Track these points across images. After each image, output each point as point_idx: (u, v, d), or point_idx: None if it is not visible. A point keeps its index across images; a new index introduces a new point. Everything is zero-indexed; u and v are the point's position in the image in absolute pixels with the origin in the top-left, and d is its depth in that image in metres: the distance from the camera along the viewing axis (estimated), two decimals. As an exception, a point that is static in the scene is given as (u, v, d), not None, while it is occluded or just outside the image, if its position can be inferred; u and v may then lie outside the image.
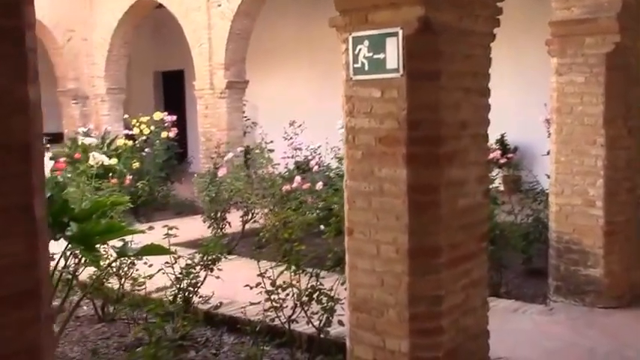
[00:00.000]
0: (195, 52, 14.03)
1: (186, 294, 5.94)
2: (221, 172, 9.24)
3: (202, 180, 9.73)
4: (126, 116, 14.33)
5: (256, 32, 14.08)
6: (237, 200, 9.14)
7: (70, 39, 16.13)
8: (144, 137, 11.99)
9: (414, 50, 3.72)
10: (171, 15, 14.55)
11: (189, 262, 6.09)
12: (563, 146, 5.99)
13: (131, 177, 11.61)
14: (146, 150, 12.40)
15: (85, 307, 7.04)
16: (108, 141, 13.43)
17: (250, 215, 9.40)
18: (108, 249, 5.89)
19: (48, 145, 9.31)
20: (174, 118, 12.86)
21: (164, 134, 12.04)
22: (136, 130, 12.18)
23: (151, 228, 6.24)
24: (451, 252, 3.89)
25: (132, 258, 6.28)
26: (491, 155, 8.38)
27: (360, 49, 3.92)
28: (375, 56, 3.84)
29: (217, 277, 6.01)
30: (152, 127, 11.96)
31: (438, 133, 3.78)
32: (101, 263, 5.50)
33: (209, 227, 9.58)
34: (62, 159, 12.60)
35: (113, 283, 6.63)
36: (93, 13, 16.17)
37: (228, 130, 13.64)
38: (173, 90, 20.30)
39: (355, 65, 3.95)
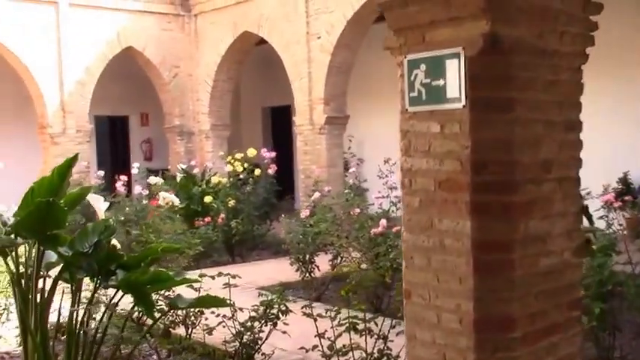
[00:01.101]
0: (296, 86, 13.71)
1: (247, 350, 5.39)
2: (304, 214, 8.71)
3: (287, 221, 9.23)
4: (221, 153, 14.16)
5: (358, 65, 13.59)
6: (324, 242, 8.57)
7: (175, 75, 16.27)
8: (238, 175, 11.67)
9: (479, 75, 3.02)
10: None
11: (253, 314, 5.56)
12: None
13: (224, 215, 11.30)
14: (248, 188, 12.06)
15: (154, 357, 6.63)
16: (208, 178, 13.26)
17: (339, 259, 8.80)
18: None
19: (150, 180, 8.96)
20: (273, 154, 12.52)
21: (257, 171, 11.68)
22: (229, 168, 11.90)
23: (218, 275, 5.79)
24: (529, 324, 3.11)
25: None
26: (605, 197, 7.37)
27: (416, 75, 3.26)
28: (434, 83, 3.17)
29: (284, 332, 5.43)
30: (246, 165, 11.62)
31: (510, 177, 3.04)
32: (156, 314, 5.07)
33: (297, 270, 9.06)
34: (157, 197, 12.53)
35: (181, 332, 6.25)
36: (198, 49, 16.25)
37: (327, 167, 13.16)
38: (281, 126, 20.14)
39: (411, 94, 3.29)
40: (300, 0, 13.44)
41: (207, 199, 11.63)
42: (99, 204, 5.23)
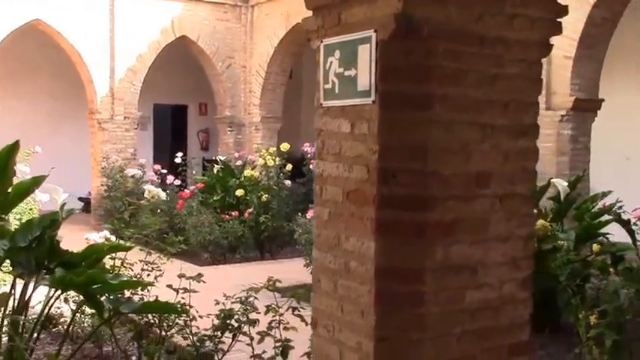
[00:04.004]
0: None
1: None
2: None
3: (304, 220, 8.74)
4: (255, 146, 13.78)
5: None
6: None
7: (229, 66, 15.99)
8: (269, 169, 11.26)
9: (392, 64, 2.46)
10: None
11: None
12: None
13: (251, 210, 10.91)
14: (279, 183, 11.64)
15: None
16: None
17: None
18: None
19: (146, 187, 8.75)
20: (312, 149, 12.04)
21: (289, 167, 11.23)
22: (261, 162, 11.49)
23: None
24: (448, 373, 2.54)
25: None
26: (638, 212, 6.55)
27: (331, 63, 2.72)
28: (346, 73, 2.63)
29: (248, 344, 4.92)
30: (277, 159, 11.19)
31: (424, 191, 2.47)
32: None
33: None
34: (191, 188, 12.26)
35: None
36: (252, 40, 15.93)
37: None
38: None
39: (326, 86, 2.75)
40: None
41: (239, 192, 11.26)
42: (56, 195, 4.88)
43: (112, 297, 4.52)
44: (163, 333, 5.60)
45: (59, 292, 4.47)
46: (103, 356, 5.96)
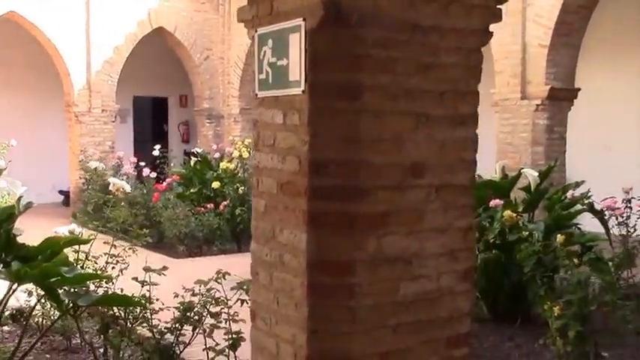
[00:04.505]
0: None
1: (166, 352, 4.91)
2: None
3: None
4: (231, 138, 13.70)
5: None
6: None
7: (207, 58, 15.88)
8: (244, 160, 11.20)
9: (321, 53, 2.41)
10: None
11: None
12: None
13: (226, 202, 10.84)
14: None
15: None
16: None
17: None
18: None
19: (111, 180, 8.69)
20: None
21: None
22: (235, 153, 11.42)
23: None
24: (381, 365, 2.50)
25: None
26: (606, 202, 6.54)
27: (264, 53, 2.67)
28: (279, 63, 2.58)
29: (209, 337, 4.87)
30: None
31: (355, 182, 2.43)
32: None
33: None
34: (168, 181, 12.17)
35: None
36: (230, 31, 15.83)
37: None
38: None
39: (260, 76, 2.71)
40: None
41: (215, 184, 11.20)
42: (15, 188, 4.82)
43: (71, 290, 4.46)
44: (129, 325, 5.56)
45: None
46: (71, 348, 5.91)
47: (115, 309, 5.58)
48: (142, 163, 13.35)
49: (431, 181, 2.59)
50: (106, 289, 5.51)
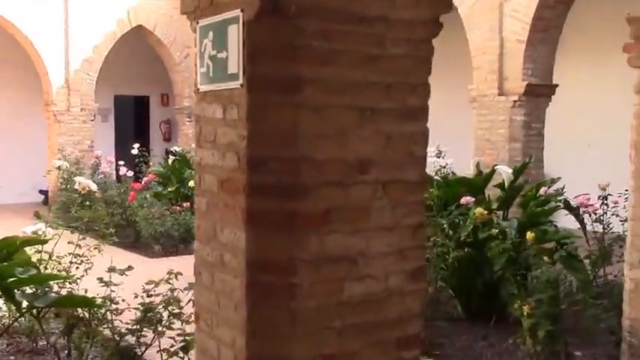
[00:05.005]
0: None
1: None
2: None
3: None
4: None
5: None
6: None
7: (187, 56, 15.75)
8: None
9: (259, 45, 2.32)
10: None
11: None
12: (643, 196, 4.17)
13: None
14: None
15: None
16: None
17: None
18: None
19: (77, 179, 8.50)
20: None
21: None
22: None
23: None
24: (324, 368, 2.41)
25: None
26: (579, 199, 6.48)
27: (205, 45, 2.57)
28: (219, 55, 2.49)
29: (171, 337, 4.75)
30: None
31: (295, 178, 2.33)
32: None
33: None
34: (144, 180, 12.04)
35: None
36: (210, 29, 15.71)
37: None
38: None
39: (202, 69, 2.61)
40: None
41: (192, 183, 11.07)
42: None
43: (29, 291, 4.36)
44: (93, 326, 5.45)
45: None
46: (37, 350, 5.81)
47: (80, 310, 5.47)
48: (121, 162, 13.21)
49: (377, 177, 2.50)
50: (70, 289, 5.41)
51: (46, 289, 4.89)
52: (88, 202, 12.26)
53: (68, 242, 5.68)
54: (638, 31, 4.15)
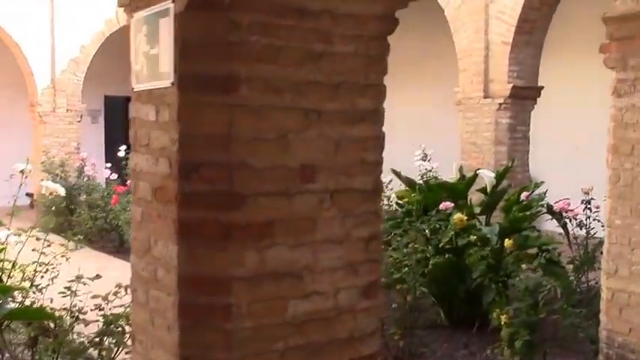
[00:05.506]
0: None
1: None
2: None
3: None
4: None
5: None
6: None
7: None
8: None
9: (190, 40, 2.12)
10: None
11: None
12: (620, 203, 3.97)
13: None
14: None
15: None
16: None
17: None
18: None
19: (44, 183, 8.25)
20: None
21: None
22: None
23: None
24: (265, 395, 2.21)
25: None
26: (559, 204, 6.28)
27: (139, 41, 2.37)
28: (152, 51, 2.28)
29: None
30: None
31: (229, 187, 2.13)
32: None
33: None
34: (129, 182, 11.81)
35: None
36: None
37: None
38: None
39: (136, 67, 2.40)
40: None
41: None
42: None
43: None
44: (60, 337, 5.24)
45: None
46: (1, 362, 5.59)
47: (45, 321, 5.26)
48: (109, 165, 12.94)
49: (325, 185, 2.30)
50: (33, 299, 5.21)
51: (9, 299, 4.68)
52: (72, 206, 12.09)
53: (32, 249, 5.46)
54: (615, 30, 3.96)
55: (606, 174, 4.07)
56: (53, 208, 8.27)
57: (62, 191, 5.81)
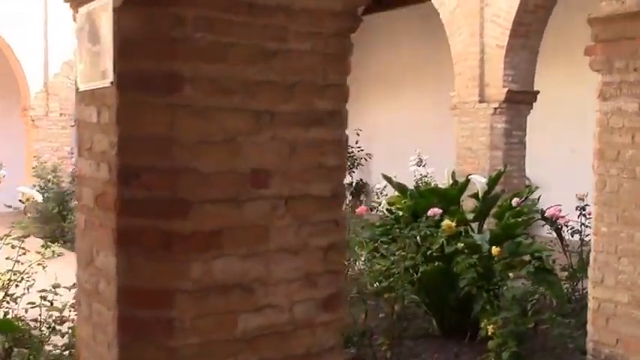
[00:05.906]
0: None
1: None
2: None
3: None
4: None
5: (360, 57, 12.47)
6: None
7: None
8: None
9: (129, 36, 1.97)
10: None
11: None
12: (606, 210, 3.81)
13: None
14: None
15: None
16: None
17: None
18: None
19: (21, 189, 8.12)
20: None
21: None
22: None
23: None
24: (212, 415, 2.06)
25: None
26: (550, 211, 6.12)
27: (83, 38, 2.23)
28: (94, 49, 2.14)
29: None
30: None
31: (172, 194, 1.98)
32: None
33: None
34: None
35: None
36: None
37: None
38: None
39: (80, 66, 2.26)
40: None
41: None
42: None
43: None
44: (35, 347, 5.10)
45: None
46: (-22, 373, 5.45)
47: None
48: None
49: (278, 191, 2.15)
50: (7, 309, 5.06)
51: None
52: (65, 213, 11.93)
53: (6, 258, 5.31)
54: (600, 32, 3.81)
55: (592, 180, 3.92)
56: (37, 214, 8.10)
57: (39, 197, 5.66)
